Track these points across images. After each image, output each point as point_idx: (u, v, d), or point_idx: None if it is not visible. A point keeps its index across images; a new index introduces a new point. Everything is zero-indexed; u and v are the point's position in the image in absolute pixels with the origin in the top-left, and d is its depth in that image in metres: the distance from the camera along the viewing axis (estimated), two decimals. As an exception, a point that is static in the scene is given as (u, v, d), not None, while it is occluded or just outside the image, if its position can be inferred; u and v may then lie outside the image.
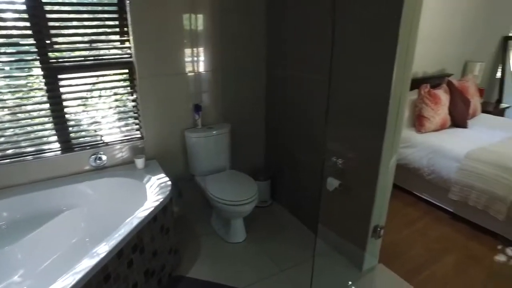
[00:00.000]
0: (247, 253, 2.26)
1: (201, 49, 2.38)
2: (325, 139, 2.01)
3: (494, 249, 2.30)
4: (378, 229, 1.83)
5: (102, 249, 1.39)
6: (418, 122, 2.94)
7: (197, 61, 2.40)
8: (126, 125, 2.31)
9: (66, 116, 2.08)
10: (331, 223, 2.18)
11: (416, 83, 3.35)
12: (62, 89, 2.03)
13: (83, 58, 2.05)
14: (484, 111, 3.67)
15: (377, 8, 1.51)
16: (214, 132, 2.42)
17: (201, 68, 2.43)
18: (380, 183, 1.70)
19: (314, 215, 2.34)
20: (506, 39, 4.29)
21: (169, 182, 2.00)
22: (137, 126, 2.35)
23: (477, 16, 3.92)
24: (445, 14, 3.46)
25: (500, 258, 2.22)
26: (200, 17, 2.30)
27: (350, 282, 1.98)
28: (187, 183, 2.59)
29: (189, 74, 2.39)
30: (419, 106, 2.92)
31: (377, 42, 1.55)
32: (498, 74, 4.44)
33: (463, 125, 3.06)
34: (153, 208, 1.69)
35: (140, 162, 2.21)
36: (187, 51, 2.32)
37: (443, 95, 2.96)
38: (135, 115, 2.32)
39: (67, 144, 2.12)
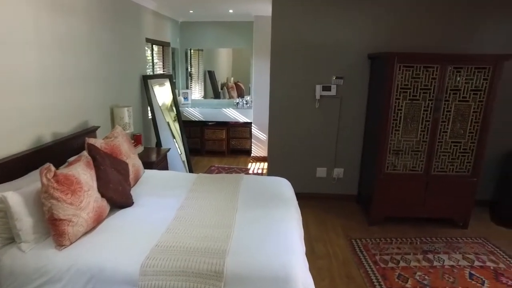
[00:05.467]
0: None
1: None
2: None
3: None
4: None
5: None
6: (54, 231, 1.69)
7: None
8: None
9: None
10: None
11: (39, 159, 2.08)
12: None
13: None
14: (147, 164, 3.04)
15: None
16: None
17: None
18: None
19: None
20: (145, 78, 3.98)
21: None
22: None
23: (118, 58, 3.29)
24: (65, 53, 2.41)
25: None
26: None
27: None
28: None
29: None
30: (48, 205, 1.67)
31: None
32: (150, 115, 4.10)
33: (128, 203, 2.17)
34: None
35: None
36: None
37: (83, 174, 1.88)
38: None
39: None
